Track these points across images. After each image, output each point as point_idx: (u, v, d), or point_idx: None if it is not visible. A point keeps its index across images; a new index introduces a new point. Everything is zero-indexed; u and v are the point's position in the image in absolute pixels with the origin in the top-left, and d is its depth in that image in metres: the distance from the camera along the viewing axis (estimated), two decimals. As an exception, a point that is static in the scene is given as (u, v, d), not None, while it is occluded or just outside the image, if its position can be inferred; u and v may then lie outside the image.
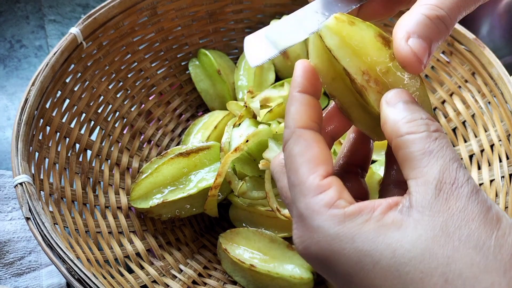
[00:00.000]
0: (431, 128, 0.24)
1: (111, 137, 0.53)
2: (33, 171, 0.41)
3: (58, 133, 0.47)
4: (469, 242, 0.22)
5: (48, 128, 0.46)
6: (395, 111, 0.25)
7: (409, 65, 0.26)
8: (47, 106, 0.45)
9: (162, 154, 0.49)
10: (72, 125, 0.49)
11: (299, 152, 0.26)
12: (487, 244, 0.22)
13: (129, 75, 0.55)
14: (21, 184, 0.38)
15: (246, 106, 0.47)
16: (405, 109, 0.25)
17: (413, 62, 0.25)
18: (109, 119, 0.53)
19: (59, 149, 0.47)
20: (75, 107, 0.49)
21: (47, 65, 0.45)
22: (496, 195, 0.47)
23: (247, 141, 0.43)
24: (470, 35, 0.51)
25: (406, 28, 0.26)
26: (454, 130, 0.54)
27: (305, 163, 0.25)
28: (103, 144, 0.52)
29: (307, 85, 0.27)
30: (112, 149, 0.52)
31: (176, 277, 0.47)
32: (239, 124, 0.48)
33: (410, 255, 0.22)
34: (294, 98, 0.27)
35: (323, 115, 0.30)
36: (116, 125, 0.54)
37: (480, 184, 0.49)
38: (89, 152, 0.50)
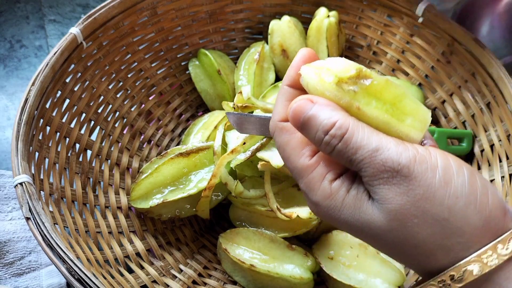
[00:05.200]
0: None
1: (111, 137, 0.53)
2: (33, 171, 0.41)
3: (58, 133, 0.47)
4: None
5: (48, 128, 0.46)
6: None
7: None
8: (47, 106, 0.45)
9: (162, 154, 0.49)
10: (72, 125, 0.49)
11: (284, 142, 0.29)
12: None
13: (129, 75, 0.55)
14: (21, 184, 0.38)
15: (234, 108, 0.46)
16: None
17: None
18: (109, 119, 0.53)
19: (59, 149, 0.47)
20: (75, 107, 0.49)
21: (47, 65, 0.45)
22: (496, 195, 0.47)
23: (244, 143, 0.43)
24: (470, 35, 0.51)
25: None
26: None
27: (292, 151, 0.28)
28: (103, 144, 0.52)
29: (297, 79, 0.29)
30: (112, 149, 0.52)
31: (176, 277, 0.47)
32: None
33: (378, 230, 0.26)
34: (281, 92, 0.30)
35: None
36: (116, 125, 0.54)
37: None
38: (89, 152, 0.50)
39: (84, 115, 0.50)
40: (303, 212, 0.44)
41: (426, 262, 0.25)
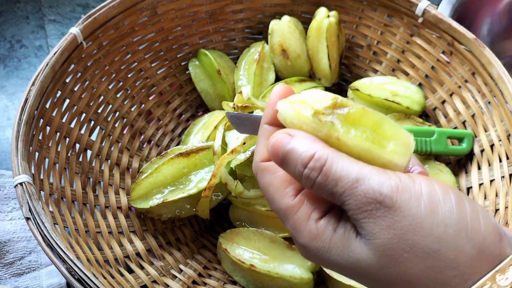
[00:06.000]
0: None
1: (111, 137, 0.53)
2: (33, 171, 0.41)
3: (58, 133, 0.47)
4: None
5: (48, 128, 0.46)
6: None
7: None
8: (47, 106, 0.45)
9: (162, 154, 0.49)
10: (72, 125, 0.49)
11: (267, 182, 0.28)
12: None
13: (129, 75, 0.55)
14: (21, 184, 0.38)
15: (234, 108, 0.46)
16: None
17: None
18: (109, 119, 0.53)
19: (59, 149, 0.47)
20: (75, 107, 0.49)
21: (47, 65, 0.45)
22: (496, 195, 0.47)
23: (244, 143, 0.43)
24: (470, 35, 0.51)
25: None
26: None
27: (276, 191, 0.28)
28: (103, 144, 0.52)
29: (275, 116, 0.28)
30: (112, 149, 0.52)
31: (176, 277, 0.47)
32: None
33: (369, 268, 0.24)
34: (261, 131, 0.30)
35: None
36: (116, 125, 0.54)
37: (480, 184, 0.49)
38: (89, 152, 0.50)
39: (84, 115, 0.50)
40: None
41: None
